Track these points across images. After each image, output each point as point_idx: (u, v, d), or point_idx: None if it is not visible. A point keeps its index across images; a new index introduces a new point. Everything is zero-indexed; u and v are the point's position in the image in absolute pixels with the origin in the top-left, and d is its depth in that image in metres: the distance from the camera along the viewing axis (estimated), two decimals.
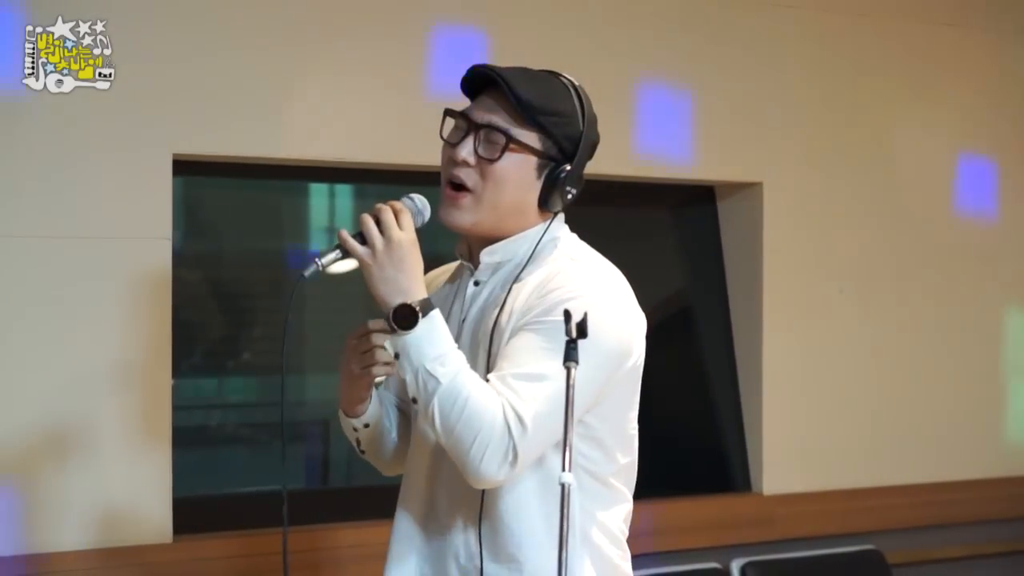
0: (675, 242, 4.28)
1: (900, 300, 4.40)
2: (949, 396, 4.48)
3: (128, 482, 3.25)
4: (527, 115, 2.20)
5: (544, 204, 2.25)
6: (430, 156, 3.60)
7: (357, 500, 3.66)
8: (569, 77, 2.30)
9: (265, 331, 3.98)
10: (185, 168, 3.40)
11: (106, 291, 3.25)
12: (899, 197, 4.40)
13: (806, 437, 4.23)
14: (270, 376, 3.98)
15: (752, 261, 4.17)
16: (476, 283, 2.29)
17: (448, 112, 2.29)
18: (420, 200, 2.23)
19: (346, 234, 2.17)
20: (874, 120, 4.35)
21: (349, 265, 2.21)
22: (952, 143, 4.52)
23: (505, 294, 2.22)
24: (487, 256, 2.27)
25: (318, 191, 4.05)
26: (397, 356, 2.13)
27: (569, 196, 2.25)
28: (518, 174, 2.22)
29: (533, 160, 2.22)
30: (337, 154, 3.56)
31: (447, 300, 2.33)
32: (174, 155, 3.32)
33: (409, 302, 2.11)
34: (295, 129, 3.47)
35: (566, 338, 1.98)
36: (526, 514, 2.18)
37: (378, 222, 2.15)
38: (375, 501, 3.65)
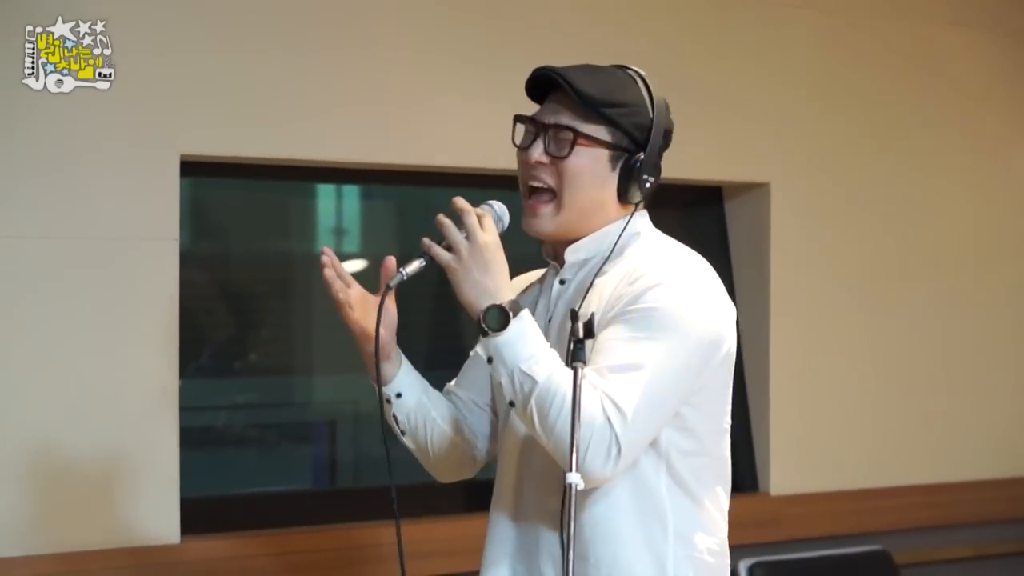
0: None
1: (907, 300, 4.40)
2: (956, 396, 4.47)
3: (135, 483, 3.26)
4: (592, 109, 2.21)
5: (623, 197, 2.25)
6: (437, 156, 3.64)
7: (364, 501, 3.66)
8: (636, 69, 2.30)
9: (272, 332, 3.98)
10: (192, 169, 3.40)
11: (113, 292, 3.25)
12: (907, 197, 4.40)
13: (813, 437, 4.23)
14: (278, 377, 3.98)
15: (759, 261, 4.16)
16: (562, 281, 2.29)
17: (518, 118, 2.29)
18: (499, 206, 2.22)
19: (430, 241, 2.15)
20: (881, 120, 4.35)
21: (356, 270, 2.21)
22: (958, 142, 4.51)
23: (587, 288, 2.22)
24: (572, 254, 2.27)
25: (326, 192, 4.06)
26: (490, 360, 2.10)
27: (648, 185, 2.24)
28: (591, 169, 2.22)
29: (604, 153, 2.23)
30: (345, 155, 3.56)
31: (532, 301, 2.33)
32: (181, 156, 3.32)
33: (499, 303, 2.09)
34: (303, 130, 3.47)
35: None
36: (613, 506, 2.16)
37: (460, 226, 2.13)
38: (382, 502, 3.66)
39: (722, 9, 4.07)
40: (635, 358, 2.07)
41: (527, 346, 2.08)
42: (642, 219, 2.31)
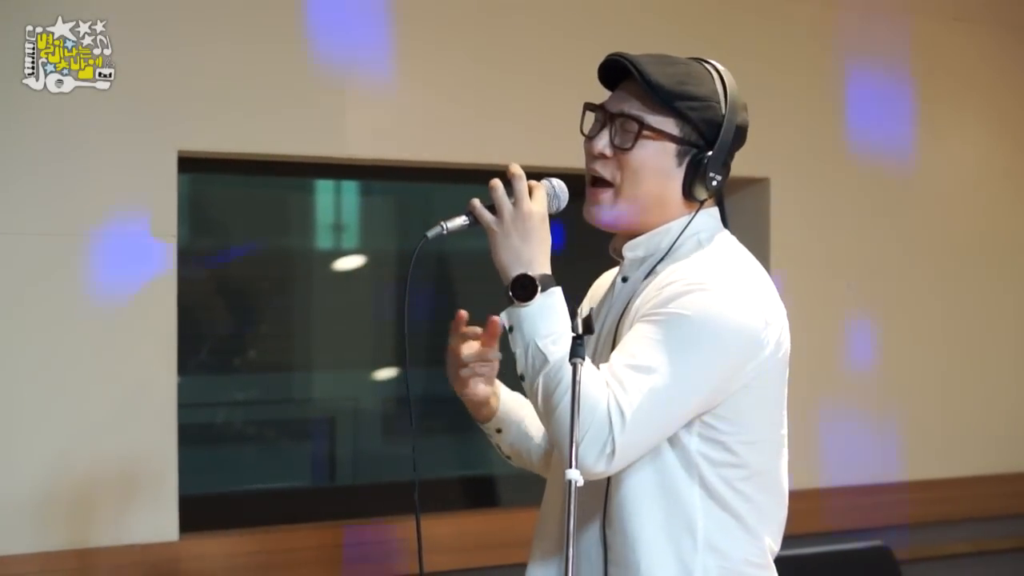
0: None
1: (908, 295, 4.39)
2: (956, 391, 4.47)
3: (134, 480, 3.25)
4: (661, 100, 2.13)
5: (688, 193, 2.17)
6: (436, 152, 3.63)
7: (363, 498, 3.66)
8: (714, 63, 2.24)
9: (271, 329, 3.98)
10: (191, 165, 3.40)
11: (112, 289, 3.24)
12: (907, 192, 4.39)
13: (812, 433, 4.22)
14: (276, 374, 3.98)
15: (759, 256, 4.10)
16: (624, 279, 2.23)
17: (587, 106, 2.23)
18: (559, 184, 2.17)
19: (477, 202, 2.11)
20: (882, 115, 4.34)
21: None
22: (959, 138, 4.51)
23: (637, 289, 2.17)
24: (629, 251, 2.21)
25: (324, 188, 4.05)
26: (511, 329, 2.06)
27: (714, 183, 2.16)
28: (655, 162, 2.15)
29: (671, 147, 2.15)
30: (344, 151, 3.55)
31: (604, 300, 2.28)
32: (179, 152, 3.31)
33: (530, 273, 2.06)
34: (302, 126, 3.46)
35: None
36: (640, 514, 2.11)
37: (510, 191, 2.09)
38: (381, 498, 3.66)
39: (721, 3, 4.06)
40: (647, 361, 2.02)
41: (548, 323, 2.04)
42: (709, 219, 2.22)
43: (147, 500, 3.27)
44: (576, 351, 1.93)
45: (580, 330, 1.95)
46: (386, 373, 3.93)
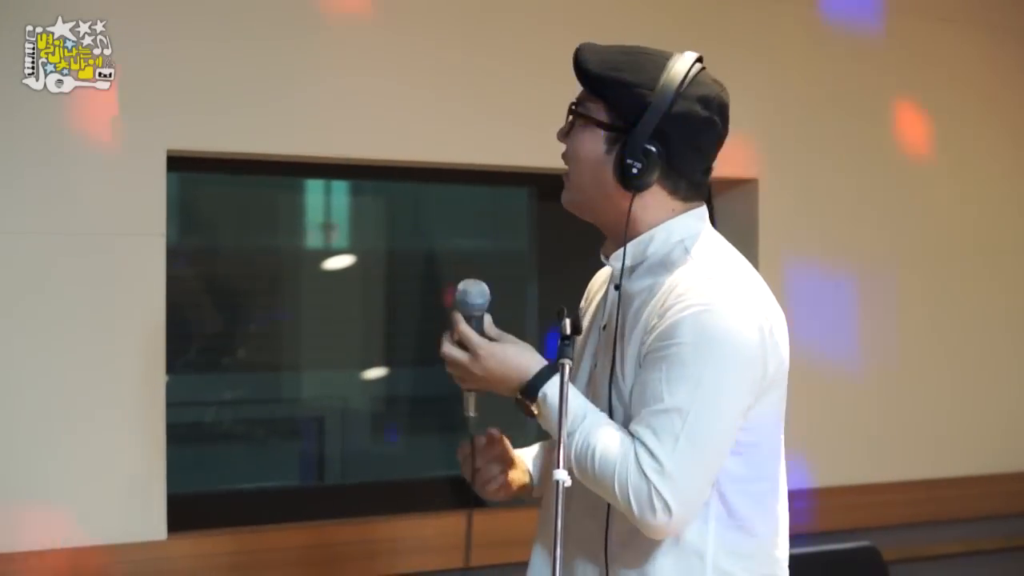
0: None
1: (898, 296, 4.39)
2: (946, 392, 4.47)
3: (122, 479, 3.24)
4: (589, 84, 2.14)
5: (623, 182, 2.12)
6: (426, 152, 3.63)
7: (352, 497, 3.66)
8: (685, 53, 2.17)
9: (260, 328, 3.98)
10: (179, 164, 3.39)
11: (100, 288, 3.24)
12: (896, 193, 4.39)
13: (802, 433, 4.21)
14: (265, 373, 3.97)
15: (748, 257, 4.14)
16: (617, 287, 2.18)
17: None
18: (473, 290, 2.15)
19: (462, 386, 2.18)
20: (871, 116, 4.35)
21: None
22: (949, 139, 4.51)
23: (631, 300, 2.14)
24: (615, 261, 2.17)
25: (314, 187, 4.05)
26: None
27: (633, 171, 2.09)
28: (587, 149, 2.15)
29: (600, 133, 2.14)
30: (333, 150, 3.55)
31: (598, 306, 2.28)
32: (168, 151, 3.31)
33: (516, 396, 2.10)
34: (291, 125, 3.46)
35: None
36: (655, 549, 2.08)
37: (461, 343, 2.13)
38: (371, 498, 3.66)
39: (709, 4, 4.07)
40: (674, 402, 2.01)
41: (552, 423, 2.04)
42: (695, 222, 2.19)
43: (135, 499, 3.26)
44: (563, 352, 1.94)
45: (568, 331, 1.96)
46: (375, 372, 3.93)
